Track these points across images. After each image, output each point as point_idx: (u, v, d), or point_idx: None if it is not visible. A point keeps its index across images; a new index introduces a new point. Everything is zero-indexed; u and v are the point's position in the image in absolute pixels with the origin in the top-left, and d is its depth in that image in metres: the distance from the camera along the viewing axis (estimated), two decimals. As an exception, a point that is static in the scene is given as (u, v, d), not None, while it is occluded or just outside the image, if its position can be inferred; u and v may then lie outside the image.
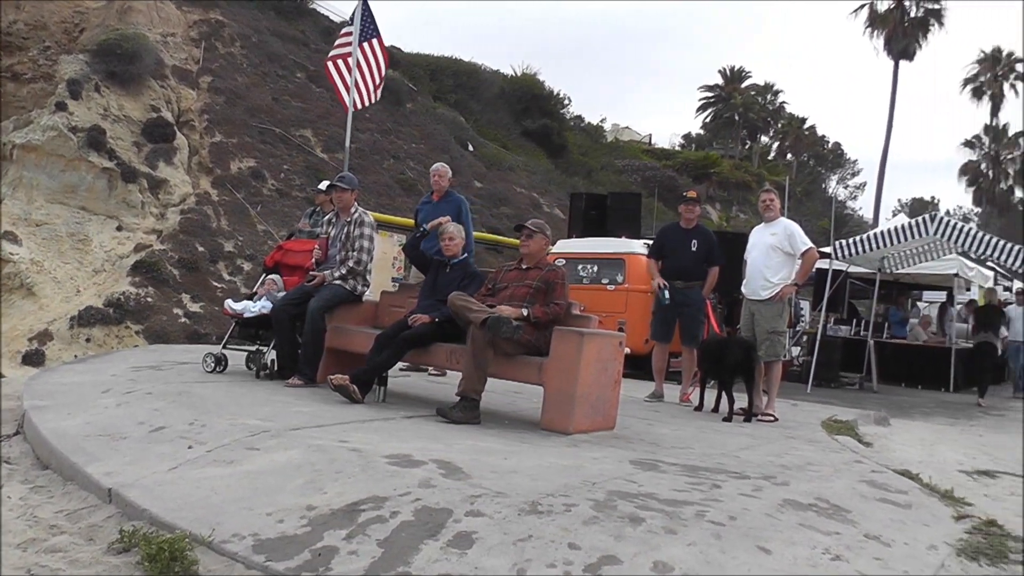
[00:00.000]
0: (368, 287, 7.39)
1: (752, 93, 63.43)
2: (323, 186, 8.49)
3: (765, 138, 65.93)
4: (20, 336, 13.12)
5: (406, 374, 8.33)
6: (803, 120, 63.43)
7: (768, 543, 3.30)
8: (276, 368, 7.19)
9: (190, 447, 4.36)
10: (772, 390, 7.77)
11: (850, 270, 14.63)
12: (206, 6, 22.17)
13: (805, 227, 8.71)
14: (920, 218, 12.35)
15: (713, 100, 63.48)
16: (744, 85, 63.53)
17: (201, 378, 6.81)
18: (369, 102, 11.36)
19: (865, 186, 63.70)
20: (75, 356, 12.03)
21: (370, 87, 10.98)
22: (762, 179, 43.12)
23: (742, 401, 7.47)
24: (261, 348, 7.40)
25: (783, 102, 64.95)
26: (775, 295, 7.75)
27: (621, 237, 13.00)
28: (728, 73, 63.79)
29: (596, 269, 12.56)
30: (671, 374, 9.14)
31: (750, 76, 64.21)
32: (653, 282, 8.48)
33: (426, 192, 9.20)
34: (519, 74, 37.31)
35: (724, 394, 7.45)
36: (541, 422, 5.76)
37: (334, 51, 11.22)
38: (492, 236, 20.33)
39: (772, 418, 7.46)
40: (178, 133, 17.90)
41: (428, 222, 7.42)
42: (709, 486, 4.19)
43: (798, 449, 5.89)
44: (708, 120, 63.89)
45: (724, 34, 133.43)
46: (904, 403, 11.66)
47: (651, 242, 9.71)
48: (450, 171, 8.94)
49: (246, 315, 7.30)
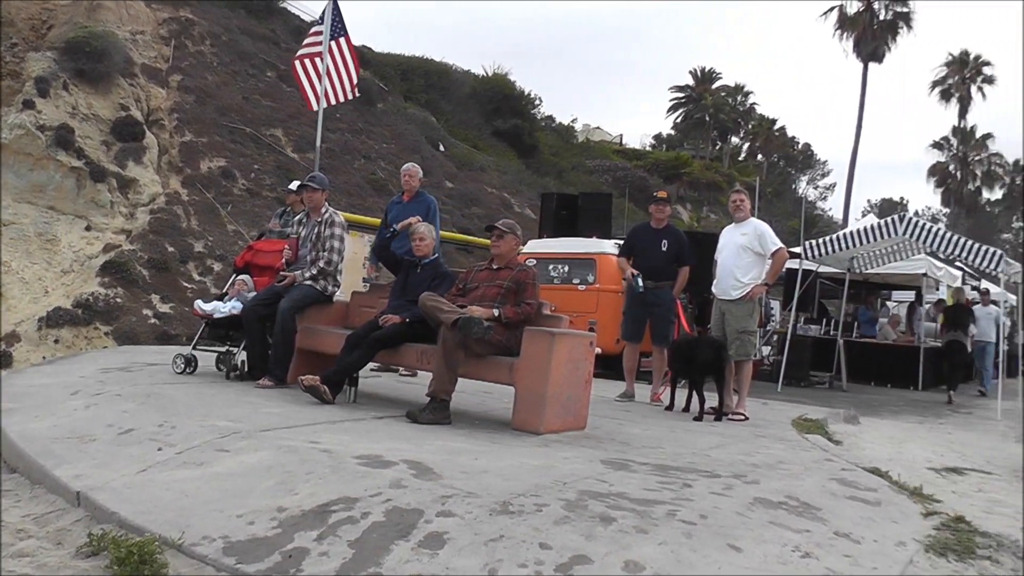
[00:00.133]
0: (339, 287, 7.38)
1: (723, 94, 63.84)
2: (294, 186, 8.47)
3: (736, 139, 66.48)
4: (-14, 338, 12.92)
5: (377, 375, 8.31)
6: (773, 121, 63.90)
7: (739, 541, 3.32)
8: (246, 369, 7.15)
9: (160, 449, 4.33)
10: (743, 389, 7.82)
11: (820, 270, 14.80)
12: (176, 4, 21.91)
13: (775, 227, 8.79)
14: (889, 218, 12.48)
15: (684, 101, 63.74)
16: (715, 86, 63.91)
17: (171, 379, 6.75)
18: (344, 99, 11.33)
19: (835, 187, 64.69)
20: (43, 358, 11.88)
21: (346, 85, 10.94)
22: (732, 180, 43.42)
23: (713, 400, 7.51)
24: (231, 349, 7.35)
25: (754, 103, 65.62)
26: (746, 295, 7.82)
27: (592, 237, 13.00)
28: (699, 74, 64.11)
29: (567, 269, 12.57)
30: (642, 374, 9.18)
31: (721, 77, 64.77)
32: (625, 273, 8.51)
33: (397, 192, 9.18)
34: (490, 74, 37.20)
35: (695, 393, 7.49)
36: (512, 422, 5.75)
37: (302, 50, 11.18)
38: (463, 236, 20.31)
39: (743, 417, 7.51)
40: (147, 132, 17.69)
41: (398, 222, 7.41)
42: (680, 485, 4.21)
43: (768, 448, 5.94)
44: (679, 121, 64.19)
45: (695, 35, 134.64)
46: (873, 401, 11.79)
47: (622, 242, 9.74)
48: (421, 171, 8.95)
49: (216, 316, 7.24)
